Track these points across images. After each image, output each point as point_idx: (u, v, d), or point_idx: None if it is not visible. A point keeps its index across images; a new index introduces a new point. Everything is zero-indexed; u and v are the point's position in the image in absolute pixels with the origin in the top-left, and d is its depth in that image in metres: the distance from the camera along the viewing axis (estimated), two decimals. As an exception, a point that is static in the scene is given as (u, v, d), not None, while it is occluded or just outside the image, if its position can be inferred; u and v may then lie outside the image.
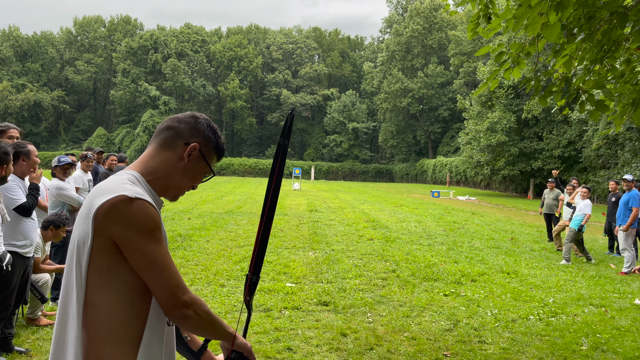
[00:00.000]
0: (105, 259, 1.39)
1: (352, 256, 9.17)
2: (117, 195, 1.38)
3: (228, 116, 74.82)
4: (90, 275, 1.39)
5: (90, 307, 1.39)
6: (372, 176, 68.53)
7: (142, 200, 1.40)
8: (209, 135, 1.63)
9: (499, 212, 20.97)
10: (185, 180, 1.61)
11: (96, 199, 1.41)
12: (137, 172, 1.54)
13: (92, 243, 1.38)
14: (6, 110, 67.53)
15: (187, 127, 1.60)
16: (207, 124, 1.65)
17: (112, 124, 76.31)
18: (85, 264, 1.39)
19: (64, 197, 5.92)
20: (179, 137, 1.59)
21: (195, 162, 1.60)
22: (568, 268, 9.11)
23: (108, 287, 1.39)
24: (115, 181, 1.46)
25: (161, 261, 1.40)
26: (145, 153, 1.60)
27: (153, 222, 1.41)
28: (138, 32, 76.92)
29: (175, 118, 1.64)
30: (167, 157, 1.58)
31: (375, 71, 67.65)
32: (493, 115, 32.63)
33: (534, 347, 4.92)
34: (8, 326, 4.27)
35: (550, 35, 3.06)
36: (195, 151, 1.59)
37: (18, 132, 5.08)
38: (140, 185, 1.49)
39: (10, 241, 4.04)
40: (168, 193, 1.62)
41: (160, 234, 1.43)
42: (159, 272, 1.40)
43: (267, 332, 4.97)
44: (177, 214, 14.49)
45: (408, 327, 5.33)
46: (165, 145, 1.58)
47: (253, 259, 1.74)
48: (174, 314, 1.42)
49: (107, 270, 1.39)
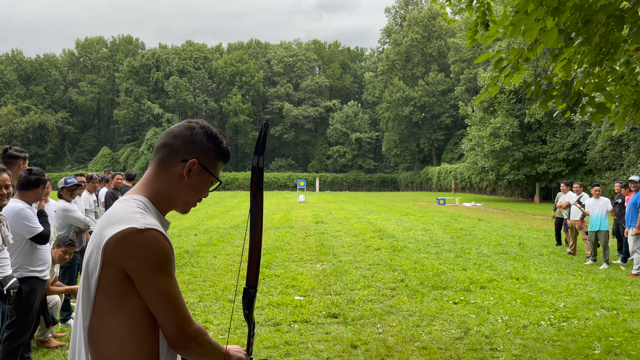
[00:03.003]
0: (117, 287, 1.39)
1: (359, 267, 9.14)
2: (128, 228, 1.37)
3: (231, 131, 75.18)
4: (101, 302, 1.40)
5: (101, 330, 1.40)
6: (377, 186, 68.51)
7: (153, 230, 1.39)
8: (208, 145, 1.58)
9: (505, 218, 20.87)
10: (191, 196, 1.59)
11: (106, 229, 1.41)
12: (145, 197, 1.54)
13: (100, 273, 1.39)
14: (11, 134, 68.12)
15: (182, 142, 1.56)
16: (205, 132, 1.58)
17: (116, 143, 76.77)
18: (93, 293, 1.40)
19: (71, 219, 5.95)
20: (176, 155, 1.55)
21: (197, 176, 1.57)
22: (578, 272, 9.05)
23: (120, 312, 1.40)
24: (125, 210, 1.45)
25: (170, 296, 1.40)
26: (147, 174, 1.59)
27: (164, 255, 1.40)
28: (140, 52, 77.68)
29: (170, 133, 1.58)
30: (168, 177, 1.55)
31: (376, 81, 67.90)
32: (496, 120, 32.62)
33: (547, 353, 4.88)
34: (26, 350, 4.29)
35: (548, 40, 3.08)
36: (195, 166, 1.55)
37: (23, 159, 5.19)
38: (149, 212, 1.48)
39: (29, 267, 4.11)
40: (176, 209, 1.61)
41: (170, 266, 1.43)
42: (167, 307, 1.40)
43: (277, 347, 4.95)
44: (184, 230, 14.52)
45: (418, 337, 5.30)
46: (164, 165, 1.56)
47: (249, 272, 1.73)
48: (179, 346, 1.44)
49: (118, 297, 1.40)
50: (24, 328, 4.01)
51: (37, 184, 4.19)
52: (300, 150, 77.26)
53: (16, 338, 3.96)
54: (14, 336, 3.93)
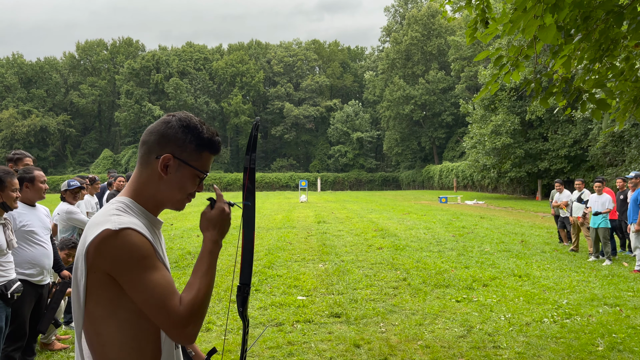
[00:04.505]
0: (106, 292, 1.37)
1: (362, 266, 9.15)
2: (102, 230, 1.35)
3: (232, 132, 75.24)
4: (93, 308, 1.38)
5: (99, 336, 1.39)
6: (379, 185, 68.50)
7: (127, 229, 1.36)
8: (182, 137, 1.49)
9: (507, 215, 20.85)
10: (175, 192, 1.52)
11: (87, 235, 1.40)
12: (128, 197, 1.51)
13: (86, 279, 1.37)
14: (13, 137, 68.28)
15: (156, 138, 1.50)
16: (180, 124, 1.50)
17: (117, 145, 76.88)
18: (82, 300, 1.39)
19: (74, 221, 5.97)
20: (152, 152, 1.50)
21: (176, 172, 1.50)
22: (580, 268, 9.04)
23: (115, 316, 1.38)
24: (103, 213, 1.44)
25: (154, 289, 1.35)
26: (133, 174, 1.56)
27: (140, 251, 1.36)
28: (140, 54, 77.76)
29: (148, 130, 1.54)
30: (148, 176, 1.51)
31: (376, 80, 67.88)
32: (497, 118, 32.59)
33: (550, 350, 4.87)
34: (29, 353, 4.28)
35: (547, 37, 3.08)
36: (171, 161, 1.49)
37: (32, 160, 5.13)
38: (129, 212, 1.45)
39: (17, 269, 3.87)
40: (166, 207, 1.57)
41: (150, 260, 1.38)
42: (153, 301, 1.35)
43: (280, 347, 4.96)
44: (186, 232, 14.54)
45: (421, 336, 5.30)
46: (144, 164, 1.52)
47: (242, 270, 1.73)
48: (177, 335, 1.38)
49: (109, 302, 1.37)
50: (16, 333, 3.94)
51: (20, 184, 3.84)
52: (301, 150, 77.28)
53: (10, 342, 3.93)
54: (8, 340, 3.91)
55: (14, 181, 3.59)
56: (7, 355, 3.91)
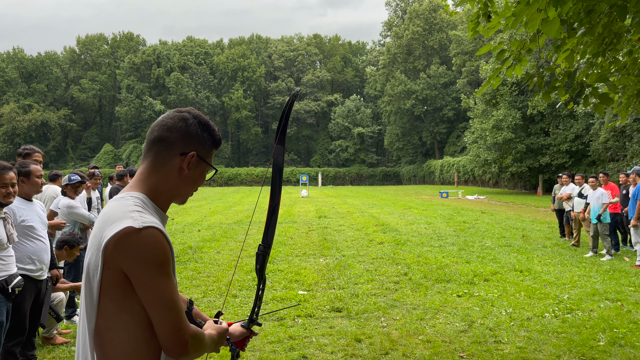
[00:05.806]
0: (120, 288, 1.37)
1: (363, 261, 9.15)
2: (125, 227, 1.34)
3: (233, 126, 75.20)
4: (106, 304, 1.38)
5: (108, 331, 1.38)
6: (380, 179, 68.50)
7: (151, 228, 1.37)
8: (204, 136, 1.56)
9: (508, 210, 20.84)
10: (190, 187, 1.58)
11: (105, 230, 1.38)
12: (142, 193, 1.50)
13: (101, 275, 1.36)
14: (14, 132, 68.30)
15: (179, 135, 1.52)
16: (198, 122, 1.56)
17: (118, 140, 76.89)
18: (96, 296, 1.39)
19: (75, 216, 5.96)
20: (174, 149, 1.52)
21: (195, 168, 1.56)
22: (582, 263, 9.03)
23: (126, 311, 1.38)
24: (122, 209, 1.42)
25: (166, 299, 1.36)
26: (143, 169, 1.55)
27: (162, 255, 1.37)
28: (141, 48, 77.60)
29: (164, 126, 1.53)
30: (167, 172, 1.52)
31: (377, 74, 67.72)
32: (498, 112, 32.50)
33: (551, 345, 4.87)
34: (30, 347, 4.28)
35: (550, 30, 3.05)
36: (194, 158, 1.53)
37: (41, 155, 5.11)
38: (148, 209, 1.46)
39: (17, 264, 3.86)
40: (175, 202, 1.60)
41: (168, 266, 1.39)
42: (164, 310, 1.36)
43: (281, 341, 4.97)
44: (187, 227, 14.55)
45: (422, 330, 5.30)
46: (162, 159, 1.52)
47: (265, 232, 1.80)
48: (174, 352, 1.39)
49: (122, 297, 1.37)
50: (16, 328, 3.95)
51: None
52: (302, 145, 77.26)
53: (11, 337, 3.94)
54: (8, 335, 3.91)
55: (6, 176, 3.55)
56: (8, 350, 3.91)
